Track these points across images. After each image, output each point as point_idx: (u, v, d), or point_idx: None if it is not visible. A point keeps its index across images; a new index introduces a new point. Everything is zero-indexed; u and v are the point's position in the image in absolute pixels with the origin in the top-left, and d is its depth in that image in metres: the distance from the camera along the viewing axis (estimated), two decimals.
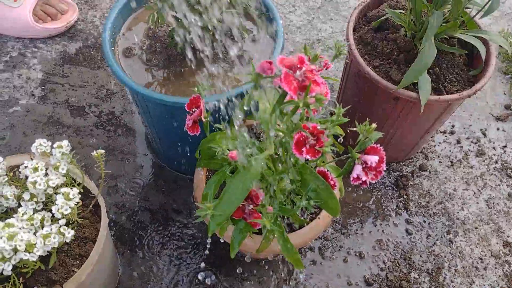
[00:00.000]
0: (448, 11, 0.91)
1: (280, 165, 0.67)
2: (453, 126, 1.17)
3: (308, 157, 0.56)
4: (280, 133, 0.62)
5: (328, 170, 0.66)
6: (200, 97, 0.69)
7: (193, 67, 0.87)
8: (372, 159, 0.56)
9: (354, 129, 0.59)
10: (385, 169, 0.57)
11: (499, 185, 1.09)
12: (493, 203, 1.06)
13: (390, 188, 1.07)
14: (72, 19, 1.26)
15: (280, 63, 0.53)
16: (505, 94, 1.24)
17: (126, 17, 0.92)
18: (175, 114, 0.83)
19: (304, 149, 0.57)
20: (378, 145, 0.58)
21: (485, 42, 0.93)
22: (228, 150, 0.64)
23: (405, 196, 1.05)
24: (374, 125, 0.58)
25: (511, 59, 1.29)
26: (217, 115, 0.71)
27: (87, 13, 1.31)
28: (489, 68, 0.91)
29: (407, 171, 1.09)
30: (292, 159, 0.65)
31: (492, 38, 0.91)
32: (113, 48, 0.86)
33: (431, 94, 0.86)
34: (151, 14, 0.86)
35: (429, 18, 0.85)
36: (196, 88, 0.68)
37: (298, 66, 0.55)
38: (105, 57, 0.83)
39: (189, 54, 0.88)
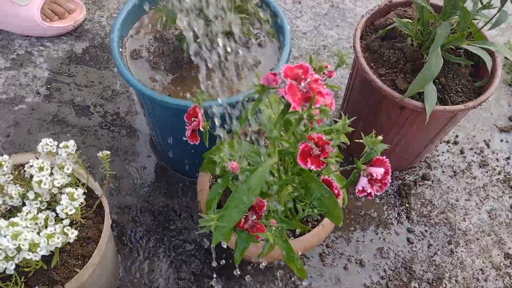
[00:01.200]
0: (455, 22, 0.92)
1: (284, 173, 0.67)
2: (457, 136, 1.17)
3: (312, 167, 0.56)
4: (285, 143, 0.62)
5: (332, 179, 0.66)
6: (198, 106, 0.69)
7: (199, 71, 0.87)
8: (378, 171, 0.56)
9: (360, 140, 0.60)
10: (390, 181, 0.57)
11: (502, 197, 1.09)
12: (495, 214, 1.06)
13: (392, 196, 1.07)
14: (79, 18, 1.27)
15: (285, 76, 0.53)
16: (509, 105, 1.25)
17: (135, 19, 0.92)
18: (180, 117, 0.83)
19: (308, 159, 0.57)
20: (384, 157, 0.58)
21: (491, 53, 0.93)
22: (230, 160, 0.64)
23: (407, 205, 1.05)
24: (380, 137, 0.58)
25: None
26: (218, 122, 0.71)
27: (95, 13, 1.32)
28: (495, 80, 0.91)
29: (409, 180, 1.09)
30: (296, 168, 0.65)
31: (499, 50, 0.91)
32: (121, 49, 0.87)
33: (436, 104, 0.87)
34: (160, 17, 0.87)
35: (436, 29, 0.85)
36: (195, 98, 0.69)
37: (303, 77, 0.55)
38: (113, 59, 0.83)
39: (196, 58, 0.88)
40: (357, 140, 0.62)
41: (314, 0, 1.43)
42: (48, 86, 1.17)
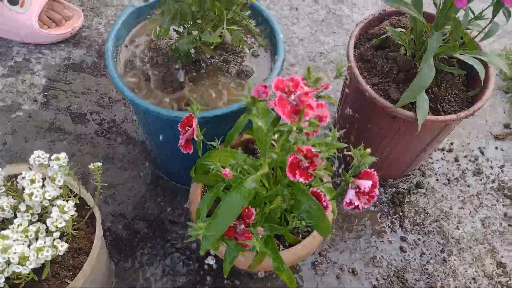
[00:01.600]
0: (448, 31, 0.92)
1: (274, 184, 0.68)
2: (451, 143, 1.17)
3: (301, 180, 0.57)
4: (275, 155, 0.63)
5: (321, 191, 0.66)
6: (192, 116, 0.69)
7: (193, 81, 0.88)
8: (366, 184, 0.56)
9: (349, 153, 0.60)
10: (378, 194, 0.58)
11: (495, 205, 1.09)
12: (489, 222, 1.06)
13: (386, 204, 1.07)
14: (77, 25, 1.27)
15: (276, 88, 0.54)
16: (504, 112, 1.25)
17: (130, 29, 0.93)
18: (173, 127, 0.84)
19: (297, 171, 0.57)
20: (372, 169, 0.58)
21: (484, 63, 0.93)
22: (223, 167, 0.65)
23: (400, 213, 1.06)
24: (368, 150, 0.59)
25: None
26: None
27: (93, 20, 1.32)
28: (488, 90, 0.92)
29: (403, 188, 1.10)
30: (286, 179, 0.65)
31: (492, 60, 0.91)
32: (115, 59, 0.87)
33: (428, 114, 0.87)
34: (154, 27, 0.87)
35: (428, 39, 0.86)
36: (189, 107, 0.69)
37: (293, 90, 0.55)
38: (108, 69, 0.83)
39: (189, 68, 0.89)
40: (347, 153, 0.62)
41: (311, 6, 1.43)
42: (45, 94, 1.18)
